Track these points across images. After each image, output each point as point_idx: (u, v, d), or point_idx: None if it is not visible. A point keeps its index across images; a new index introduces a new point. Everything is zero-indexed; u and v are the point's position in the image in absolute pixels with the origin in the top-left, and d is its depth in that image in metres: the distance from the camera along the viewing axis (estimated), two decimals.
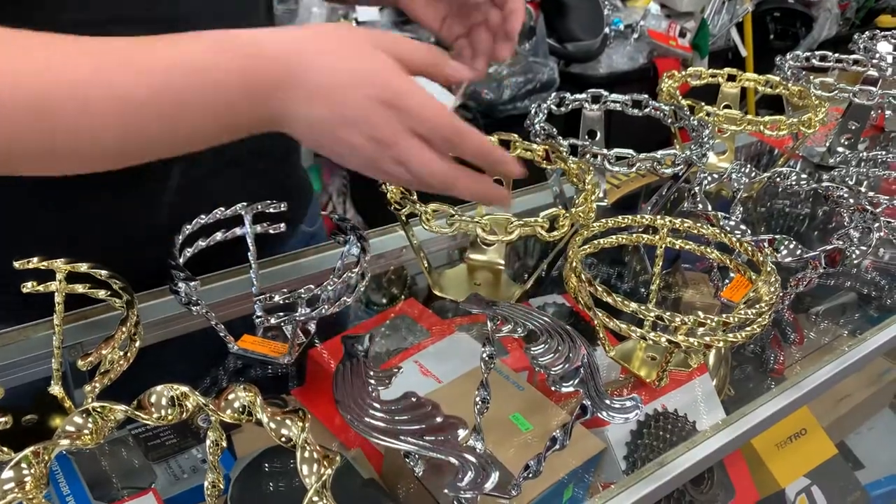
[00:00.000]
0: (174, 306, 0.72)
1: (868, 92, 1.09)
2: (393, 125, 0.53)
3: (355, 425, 0.49)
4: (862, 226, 0.79)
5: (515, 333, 0.61)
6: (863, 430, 1.14)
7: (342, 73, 0.53)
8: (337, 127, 0.54)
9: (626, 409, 0.53)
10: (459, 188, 0.57)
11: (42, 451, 0.40)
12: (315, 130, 0.55)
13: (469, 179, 0.57)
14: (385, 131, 0.53)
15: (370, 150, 0.54)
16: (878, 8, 3.49)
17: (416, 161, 0.55)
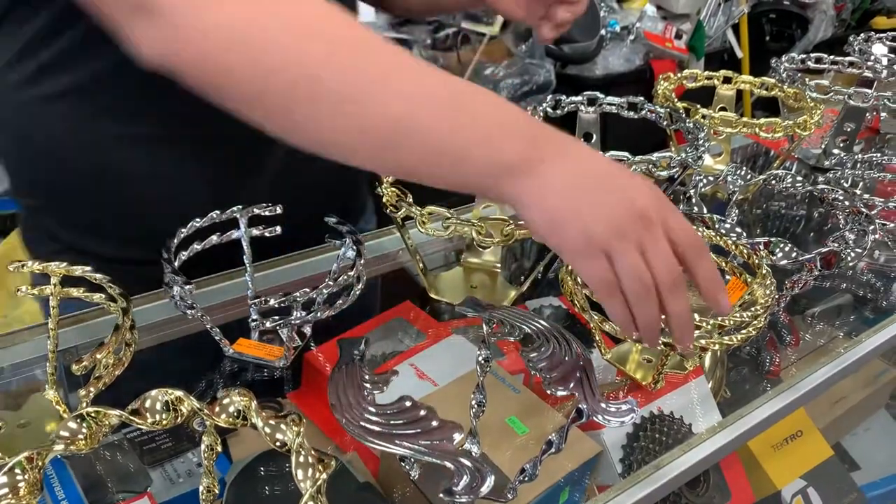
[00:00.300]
0: (170, 309, 0.72)
1: (863, 94, 1.09)
2: (658, 207, 0.55)
3: (351, 429, 0.49)
4: (857, 228, 0.79)
5: (511, 337, 0.61)
6: (859, 431, 1.14)
7: (604, 162, 0.57)
8: (601, 183, 0.55)
9: (621, 413, 0.53)
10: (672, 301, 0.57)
11: (36, 456, 0.40)
12: (570, 185, 0.55)
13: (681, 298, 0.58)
14: (653, 208, 0.55)
15: (628, 219, 0.54)
16: (874, 10, 3.50)
17: (665, 254, 0.55)
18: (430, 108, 0.54)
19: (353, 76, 0.53)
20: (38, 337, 0.69)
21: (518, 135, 0.55)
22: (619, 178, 0.56)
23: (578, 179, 0.55)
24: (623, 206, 0.54)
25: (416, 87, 0.54)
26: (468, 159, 0.55)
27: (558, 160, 0.55)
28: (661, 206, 0.56)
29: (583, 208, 0.54)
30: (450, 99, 0.55)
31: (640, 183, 0.56)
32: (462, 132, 0.54)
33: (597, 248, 0.54)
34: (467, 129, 0.54)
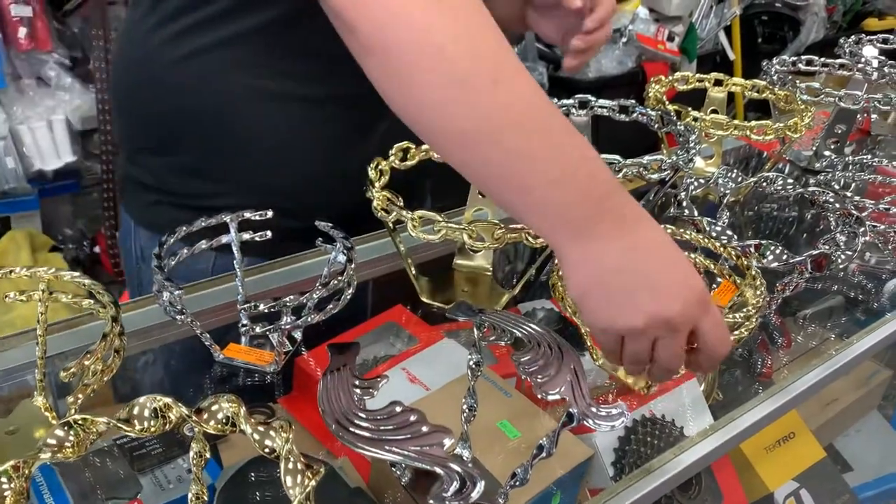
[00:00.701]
0: (159, 315, 0.72)
1: (854, 96, 1.09)
2: (691, 316, 0.56)
3: (340, 436, 0.49)
4: (848, 230, 0.79)
5: (502, 341, 0.61)
6: (851, 432, 1.14)
7: (670, 248, 0.58)
8: (639, 282, 0.56)
9: (612, 417, 0.52)
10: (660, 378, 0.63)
11: (22, 464, 0.39)
12: (612, 270, 0.56)
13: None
14: (681, 319, 0.56)
15: (652, 323, 0.55)
16: (865, 11, 3.52)
17: (676, 357, 0.58)
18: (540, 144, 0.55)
19: (477, 69, 0.55)
20: (28, 343, 0.69)
21: (593, 195, 0.56)
22: (664, 276, 0.56)
23: (622, 268, 0.56)
24: (653, 312, 0.55)
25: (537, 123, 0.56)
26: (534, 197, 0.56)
27: (615, 238, 0.56)
28: (696, 314, 0.57)
29: (614, 301, 0.56)
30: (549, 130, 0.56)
31: (683, 284, 0.56)
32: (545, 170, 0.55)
33: (614, 333, 0.58)
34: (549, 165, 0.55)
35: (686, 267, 0.57)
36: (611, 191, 0.56)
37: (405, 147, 0.86)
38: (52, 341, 0.66)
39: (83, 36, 2.09)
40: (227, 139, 0.86)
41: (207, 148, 0.87)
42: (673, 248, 0.58)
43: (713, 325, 0.58)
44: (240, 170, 0.87)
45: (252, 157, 0.86)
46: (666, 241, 0.58)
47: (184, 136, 0.87)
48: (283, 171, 0.87)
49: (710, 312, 0.58)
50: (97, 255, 2.30)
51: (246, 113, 0.84)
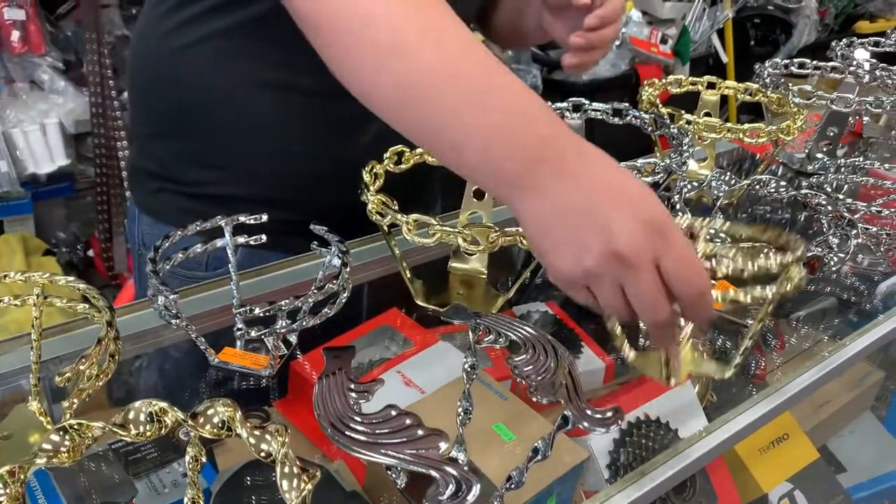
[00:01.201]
0: (154, 319, 0.71)
1: (845, 99, 1.10)
2: (644, 246, 0.52)
3: (336, 439, 0.49)
4: (840, 233, 0.80)
5: (497, 344, 0.61)
6: (845, 433, 1.14)
7: (618, 177, 0.54)
8: (582, 221, 0.53)
9: (606, 420, 0.53)
10: (662, 333, 0.57)
11: (18, 470, 0.39)
12: (554, 215, 0.54)
13: (673, 329, 0.58)
14: (632, 248, 0.52)
15: (603, 261, 0.53)
16: (857, 14, 3.54)
17: (648, 296, 0.53)
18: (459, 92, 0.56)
19: (405, 35, 0.58)
20: (21, 347, 0.69)
21: (524, 148, 0.55)
22: (610, 211, 0.53)
23: (565, 212, 0.54)
24: (600, 250, 0.53)
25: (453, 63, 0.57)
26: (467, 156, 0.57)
27: (554, 186, 0.54)
28: (650, 246, 0.53)
29: (563, 247, 0.55)
30: (478, 91, 0.57)
31: (631, 217, 0.53)
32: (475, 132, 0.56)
33: (575, 283, 0.55)
34: (481, 130, 0.56)
35: (637, 199, 0.54)
36: (546, 139, 0.55)
37: (399, 151, 0.86)
38: (47, 346, 0.66)
39: (76, 39, 2.09)
40: (226, 127, 0.87)
41: (208, 135, 0.88)
42: (620, 181, 0.55)
43: (677, 258, 0.53)
44: (240, 158, 0.89)
45: (252, 145, 0.88)
46: (612, 175, 0.55)
47: (186, 123, 0.89)
48: (283, 161, 0.88)
49: (671, 243, 0.53)
50: (91, 258, 2.29)
51: (245, 102, 0.86)
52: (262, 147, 0.88)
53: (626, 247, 0.52)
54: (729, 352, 0.86)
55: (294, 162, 0.89)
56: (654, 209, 0.54)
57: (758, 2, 3.22)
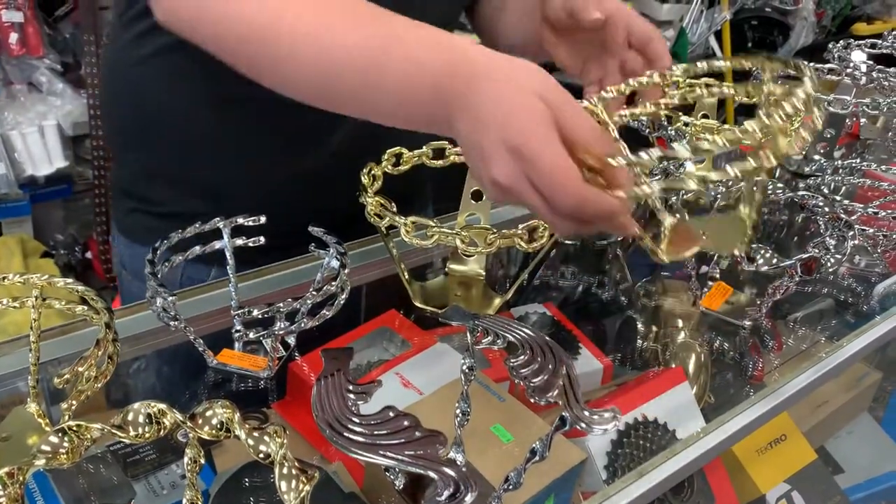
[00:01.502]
0: (153, 320, 0.72)
1: (842, 101, 1.10)
2: (512, 173, 0.53)
3: (335, 440, 0.49)
4: (837, 234, 0.80)
5: (495, 345, 0.62)
6: (842, 434, 1.15)
7: (491, 106, 0.54)
8: (474, 157, 0.56)
9: (604, 420, 0.53)
10: (582, 232, 0.59)
11: (17, 471, 0.39)
12: (464, 146, 0.58)
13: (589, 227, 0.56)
14: (502, 176, 0.54)
15: (492, 189, 0.56)
16: (854, 16, 3.54)
17: (537, 210, 0.55)
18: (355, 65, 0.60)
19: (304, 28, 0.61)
20: (19, 349, 0.69)
21: (424, 98, 0.58)
22: (484, 142, 0.54)
23: (465, 144, 0.57)
24: (487, 177, 0.55)
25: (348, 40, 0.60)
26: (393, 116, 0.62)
27: (454, 122, 0.57)
28: (518, 170, 0.53)
29: (474, 168, 0.58)
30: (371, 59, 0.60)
31: (498, 145, 0.53)
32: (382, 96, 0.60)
33: (503, 193, 0.56)
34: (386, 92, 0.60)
35: (506, 121, 0.53)
36: (438, 76, 0.57)
37: (398, 152, 0.86)
38: (45, 348, 0.66)
39: (74, 41, 2.09)
40: (184, 143, 0.86)
41: (167, 151, 0.88)
42: (497, 102, 0.54)
43: (539, 177, 0.52)
44: (200, 174, 0.87)
45: (211, 161, 0.87)
46: (494, 96, 0.55)
47: (145, 138, 0.88)
48: (245, 176, 0.87)
49: (533, 164, 0.52)
50: (89, 260, 2.29)
51: (201, 116, 0.85)
52: (222, 162, 0.87)
53: (499, 176, 0.54)
54: (727, 353, 0.86)
55: (256, 176, 0.87)
56: (519, 131, 0.53)
57: (755, 4, 3.22)
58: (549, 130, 0.53)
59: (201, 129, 0.86)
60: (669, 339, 0.84)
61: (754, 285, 0.94)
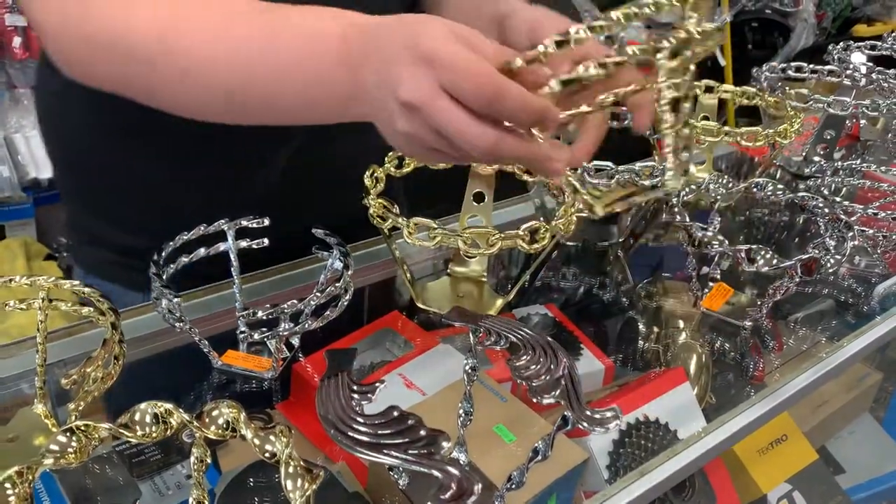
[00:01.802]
0: (157, 322, 0.72)
1: (842, 102, 1.11)
2: (422, 83, 0.50)
3: (339, 440, 0.49)
4: (837, 235, 0.81)
5: (497, 346, 0.62)
6: (843, 434, 1.15)
7: (393, 33, 0.52)
8: (379, 93, 0.52)
9: (606, 420, 0.53)
10: (504, 155, 0.53)
11: (26, 470, 0.40)
12: (374, 107, 0.54)
13: (515, 143, 0.52)
14: (413, 91, 0.50)
15: (404, 120, 0.51)
16: (854, 18, 3.54)
17: (452, 128, 0.50)
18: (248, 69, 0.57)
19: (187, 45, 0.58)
20: (26, 351, 0.69)
21: (330, 60, 0.55)
22: (389, 70, 0.51)
23: (372, 102, 0.54)
24: (394, 104, 0.52)
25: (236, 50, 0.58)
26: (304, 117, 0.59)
27: (369, 61, 0.54)
28: (428, 75, 0.50)
29: (384, 128, 0.55)
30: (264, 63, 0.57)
31: (404, 64, 0.50)
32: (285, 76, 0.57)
33: (413, 151, 0.55)
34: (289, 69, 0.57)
35: (405, 41, 0.51)
36: (343, 32, 0.55)
37: (401, 154, 0.86)
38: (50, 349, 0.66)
39: None
40: (114, 175, 0.83)
41: (98, 183, 0.85)
42: (390, 37, 0.52)
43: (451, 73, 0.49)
44: (138, 209, 0.85)
45: (144, 194, 0.84)
46: (387, 37, 0.53)
47: (79, 173, 0.86)
48: (182, 209, 0.81)
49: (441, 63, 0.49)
50: None
51: (131, 146, 0.81)
52: (156, 196, 0.84)
53: (409, 93, 0.50)
54: (727, 354, 0.86)
55: (200, 206, 0.80)
56: (430, 40, 0.50)
57: (755, 5, 3.23)
58: (461, 41, 0.51)
59: (127, 163, 0.82)
60: (671, 339, 0.84)
61: (755, 286, 0.94)
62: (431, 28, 0.51)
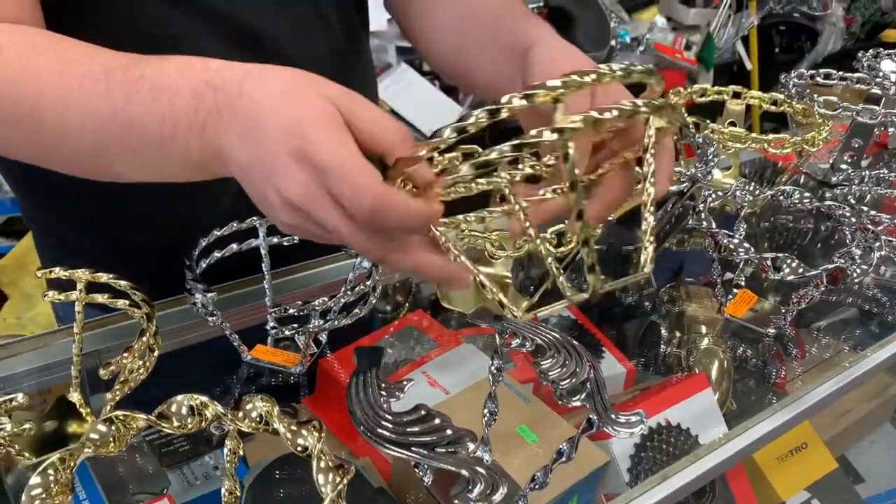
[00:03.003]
0: (189, 315, 0.74)
1: (871, 110, 1.10)
2: (307, 185, 0.46)
3: (368, 436, 0.50)
4: (863, 244, 0.80)
5: (524, 348, 0.63)
6: (864, 444, 1.15)
7: (268, 115, 0.47)
8: (257, 178, 0.48)
9: (630, 424, 0.54)
10: (394, 268, 0.49)
11: (68, 457, 0.41)
12: (244, 177, 0.49)
13: (403, 258, 0.49)
14: (295, 193, 0.46)
15: (286, 214, 0.48)
16: (884, 22, 3.50)
17: (337, 234, 0.48)
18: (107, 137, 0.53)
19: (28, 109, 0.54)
20: (62, 341, 0.71)
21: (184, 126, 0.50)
22: (269, 162, 0.47)
23: (245, 155, 0.48)
24: (279, 201, 0.48)
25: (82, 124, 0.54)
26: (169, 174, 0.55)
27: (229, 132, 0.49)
28: (311, 178, 0.46)
29: (257, 194, 0.50)
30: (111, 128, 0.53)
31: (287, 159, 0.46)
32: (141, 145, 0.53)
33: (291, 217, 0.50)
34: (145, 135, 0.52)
35: (286, 130, 0.46)
36: (197, 92, 0.49)
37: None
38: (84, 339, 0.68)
39: None
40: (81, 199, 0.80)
41: (54, 198, 0.82)
42: (264, 116, 0.47)
43: (332, 182, 0.45)
44: (92, 227, 0.83)
45: (117, 216, 0.81)
46: (258, 112, 0.47)
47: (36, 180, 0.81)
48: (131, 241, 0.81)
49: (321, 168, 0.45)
50: None
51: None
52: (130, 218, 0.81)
53: (289, 192, 0.47)
54: (749, 360, 0.87)
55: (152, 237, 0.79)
56: (304, 133, 0.46)
57: (783, 9, 3.20)
58: (340, 130, 0.46)
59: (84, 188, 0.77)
60: (693, 344, 0.85)
61: (778, 293, 0.94)
62: (311, 111, 0.46)
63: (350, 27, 0.86)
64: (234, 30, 0.73)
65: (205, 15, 0.71)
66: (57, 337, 0.71)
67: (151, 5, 0.68)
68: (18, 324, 1.89)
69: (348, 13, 0.85)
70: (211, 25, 0.71)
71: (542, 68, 0.63)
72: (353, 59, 0.88)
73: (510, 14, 0.74)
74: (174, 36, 0.70)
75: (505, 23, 0.73)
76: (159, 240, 0.77)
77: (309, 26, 0.79)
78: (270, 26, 0.75)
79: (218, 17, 0.71)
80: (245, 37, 0.73)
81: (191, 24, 0.70)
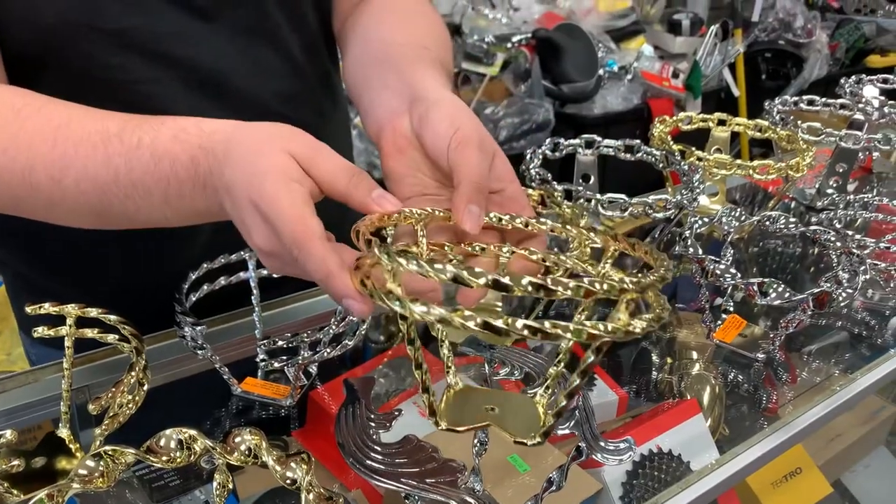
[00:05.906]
0: (179, 348, 0.74)
1: (854, 136, 1.12)
2: (268, 237, 0.52)
3: (357, 468, 0.50)
4: (849, 268, 0.81)
5: (512, 376, 0.63)
6: (858, 468, 1.14)
7: (238, 172, 0.52)
8: (239, 227, 0.55)
9: (619, 451, 0.54)
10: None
11: (56, 493, 0.41)
12: (236, 224, 0.55)
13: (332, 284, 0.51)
14: (261, 243, 0.53)
15: (263, 258, 0.54)
16: (867, 49, 3.56)
17: (302, 275, 0.52)
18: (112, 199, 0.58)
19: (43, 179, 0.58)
20: (50, 377, 0.71)
21: (188, 190, 0.56)
22: (246, 219, 0.53)
23: (233, 213, 0.55)
24: (248, 237, 0.54)
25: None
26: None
27: (224, 195, 0.54)
28: (279, 246, 0.51)
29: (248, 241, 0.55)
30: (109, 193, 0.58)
31: (258, 223, 0.52)
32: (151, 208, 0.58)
33: (270, 263, 0.55)
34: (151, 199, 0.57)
35: (263, 154, 0.52)
36: (194, 160, 0.55)
37: None
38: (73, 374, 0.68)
39: None
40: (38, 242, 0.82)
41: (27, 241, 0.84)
42: (245, 186, 0.52)
43: (290, 257, 0.50)
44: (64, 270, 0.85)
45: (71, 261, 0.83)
46: (239, 183, 0.52)
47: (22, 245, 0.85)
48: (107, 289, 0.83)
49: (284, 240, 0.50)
50: None
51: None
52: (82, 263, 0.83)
53: (258, 242, 0.53)
54: (741, 385, 0.87)
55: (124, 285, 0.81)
56: (259, 188, 0.51)
57: (769, 37, 3.25)
58: (289, 182, 0.51)
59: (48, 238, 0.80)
60: (684, 371, 0.85)
61: (768, 318, 0.95)
62: (271, 166, 0.51)
63: (319, 66, 0.87)
64: (195, 75, 0.74)
65: (166, 62, 0.72)
66: (46, 372, 0.71)
67: (113, 55, 0.70)
68: (8, 360, 1.88)
69: (317, 54, 0.86)
70: (173, 72, 0.73)
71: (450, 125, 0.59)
72: (323, 96, 0.89)
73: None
74: (137, 81, 0.71)
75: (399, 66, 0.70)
76: (132, 281, 0.80)
77: (273, 70, 0.80)
78: (232, 72, 0.76)
79: (179, 64, 0.73)
80: (208, 82, 0.75)
81: (153, 71, 0.72)
